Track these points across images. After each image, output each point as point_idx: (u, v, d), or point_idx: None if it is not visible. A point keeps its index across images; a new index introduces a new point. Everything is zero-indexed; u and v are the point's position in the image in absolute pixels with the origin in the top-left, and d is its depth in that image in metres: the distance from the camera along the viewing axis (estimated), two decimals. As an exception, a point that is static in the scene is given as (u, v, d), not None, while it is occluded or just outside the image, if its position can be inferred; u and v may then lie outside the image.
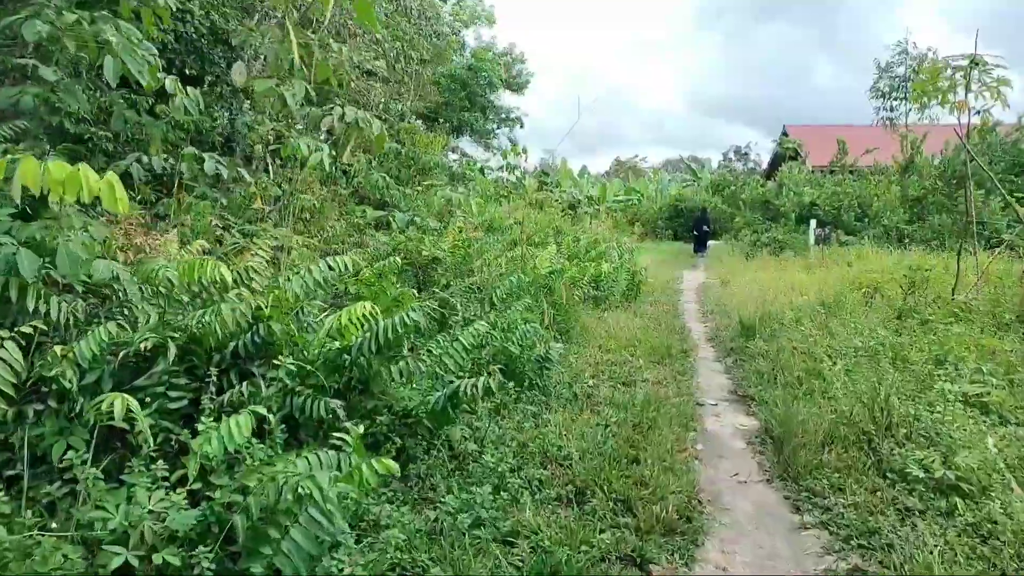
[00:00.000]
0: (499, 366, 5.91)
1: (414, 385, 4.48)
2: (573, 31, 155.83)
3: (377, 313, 4.00)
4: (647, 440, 5.05)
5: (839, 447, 4.80)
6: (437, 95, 30.31)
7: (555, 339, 7.98)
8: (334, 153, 10.22)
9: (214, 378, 3.52)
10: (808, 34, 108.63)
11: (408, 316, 3.93)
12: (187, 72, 10.38)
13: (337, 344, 4.12)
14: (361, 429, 3.31)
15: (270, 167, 11.36)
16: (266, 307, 3.94)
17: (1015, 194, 13.00)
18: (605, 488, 4.12)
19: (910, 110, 23.84)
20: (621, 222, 34.42)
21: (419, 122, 28.96)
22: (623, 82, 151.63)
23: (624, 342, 8.47)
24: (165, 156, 7.33)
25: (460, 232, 9.49)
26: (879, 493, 4.18)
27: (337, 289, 6.34)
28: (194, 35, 10.35)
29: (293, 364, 3.70)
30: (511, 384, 5.89)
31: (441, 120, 33.36)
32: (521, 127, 40.07)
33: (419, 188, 12.39)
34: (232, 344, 3.83)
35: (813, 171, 25.33)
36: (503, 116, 39.21)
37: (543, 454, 4.60)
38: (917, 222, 18.87)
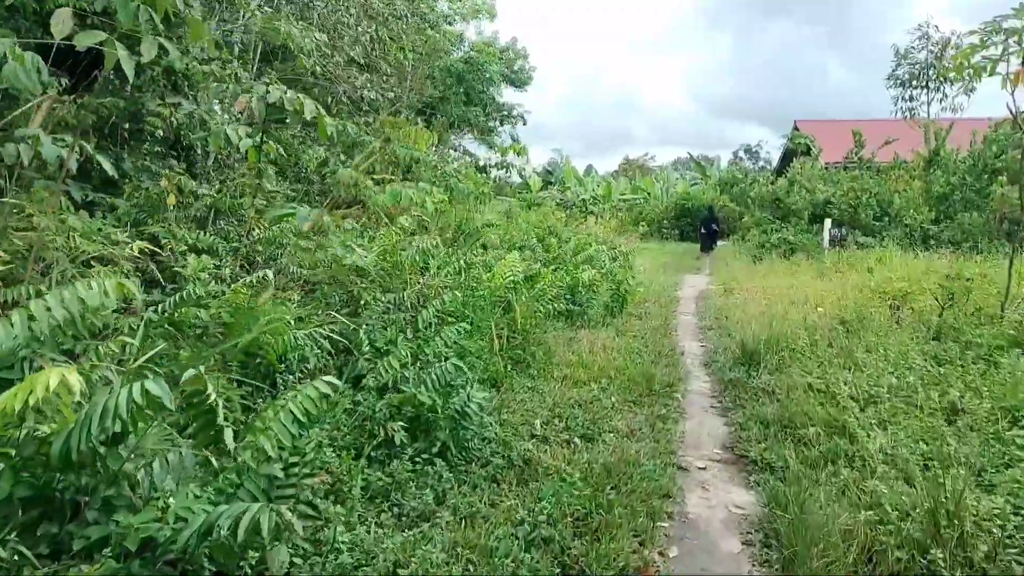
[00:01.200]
0: (401, 423, 4.29)
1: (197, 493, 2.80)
2: (580, 28, 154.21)
3: (74, 386, 2.31)
4: (591, 551, 3.37)
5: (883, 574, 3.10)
6: (431, 89, 28.78)
7: (506, 370, 6.32)
8: (258, 140, 8.54)
9: None
10: (817, 32, 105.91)
11: (138, 389, 2.26)
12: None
13: (44, 429, 2.46)
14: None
15: (208, 160, 9.81)
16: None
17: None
18: None
19: (932, 100, 21.99)
20: (626, 221, 32.84)
21: (414, 117, 27.44)
22: (632, 81, 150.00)
23: (596, 372, 6.78)
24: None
25: (401, 234, 7.84)
26: None
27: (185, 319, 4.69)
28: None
29: None
30: (412, 448, 4.23)
31: (440, 116, 31.81)
32: (524, 124, 38.57)
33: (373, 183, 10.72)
34: None
35: (827, 167, 23.44)
36: (505, 113, 37.65)
37: (411, 596, 2.92)
38: (944, 221, 17.02)
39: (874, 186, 19.07)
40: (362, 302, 6.19)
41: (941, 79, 21.36)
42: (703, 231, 25.63)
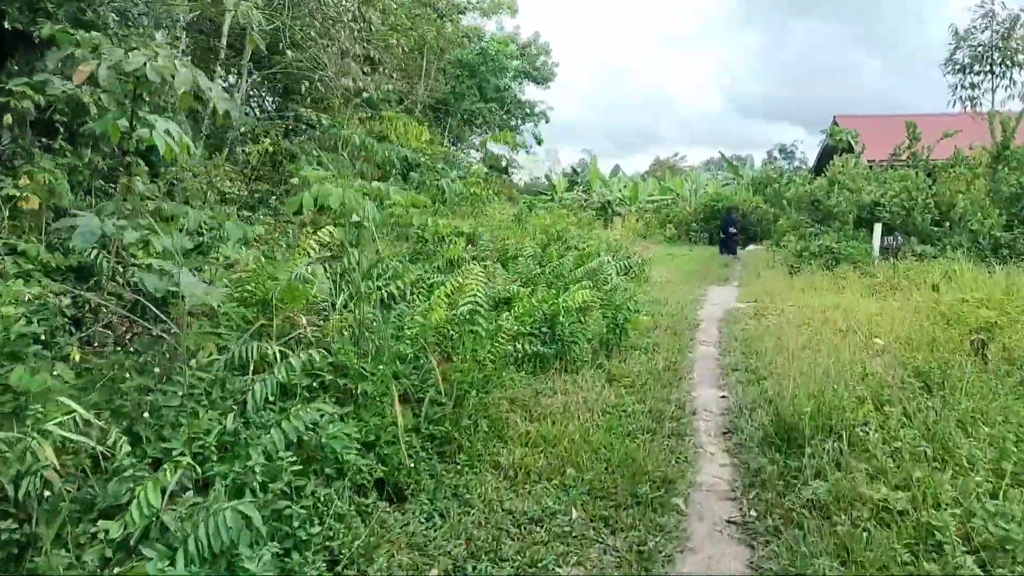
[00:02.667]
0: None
1: None
2: (604, 24, 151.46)
3: None
4: None
5: None
6: (443, 84, 26.98)
7: (418, 464, 4.20)
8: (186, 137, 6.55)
9: None
10: (842, 30, 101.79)
11: None
12: (8, 25, 7.14)
13: None
14: None
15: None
16: None
17: None
18: None
19: (996, 87, 19.15)
20: (652, 224, 30.69)
21: (430, 115, 25.63)
22: (660, 79, 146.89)
23: (561, 455, 4.64)
24: None
25: (313, 250, 5.79)
26: None
27: None
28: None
29: None
30: None
31: (454, 113, 30.03)
32: (547, 122, 36.62)
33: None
34: None
35: (871, 165, 20.67)
36: (527, 111, 35.73)
37: None
38: (1018, 227, 14.42)
39: (930, 186, 16.50)
40: (201, 357, 4.14)
41: (1008, 63, 18.60)
42: (723, 233, 24.38)
